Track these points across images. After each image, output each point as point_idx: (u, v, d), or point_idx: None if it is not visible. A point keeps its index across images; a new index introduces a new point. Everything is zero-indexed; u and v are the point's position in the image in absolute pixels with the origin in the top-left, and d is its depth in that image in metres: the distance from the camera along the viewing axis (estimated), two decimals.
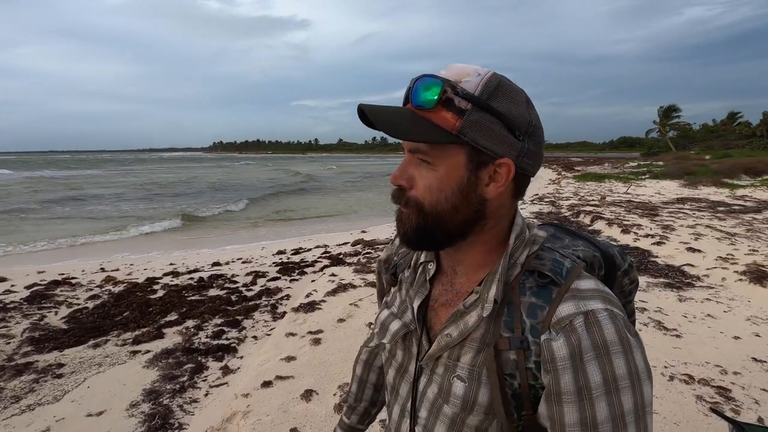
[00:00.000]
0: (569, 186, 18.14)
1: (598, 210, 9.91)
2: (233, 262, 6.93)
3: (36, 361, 3.42)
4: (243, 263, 6.80)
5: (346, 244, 8.03)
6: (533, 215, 9.75)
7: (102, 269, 6.55)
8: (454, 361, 0.60)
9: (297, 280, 5.71)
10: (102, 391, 2.97)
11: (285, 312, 4.39)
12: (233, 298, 4.98)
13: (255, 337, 3.89)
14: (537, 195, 14.86)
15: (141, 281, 5.72)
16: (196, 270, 6.36)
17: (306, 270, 6.12)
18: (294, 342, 3.44)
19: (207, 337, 3.86)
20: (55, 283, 5.57)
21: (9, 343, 3.77)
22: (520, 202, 0.64)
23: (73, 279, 5.86)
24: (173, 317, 4.37)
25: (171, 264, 6.89)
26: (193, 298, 5.00)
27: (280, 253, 7.45)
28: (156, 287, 5.46)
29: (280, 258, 7.08)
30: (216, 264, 6.73)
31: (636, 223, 7.91)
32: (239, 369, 3.30)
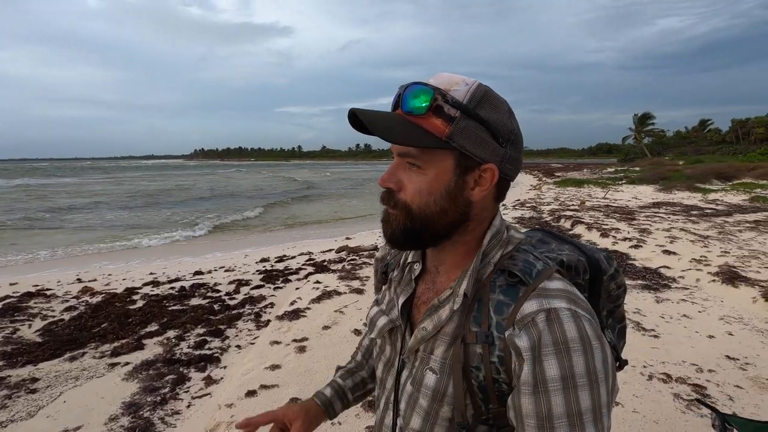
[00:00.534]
0: (550, 191, 18.49)
1: (578, 215, 10.13)
2: (215, 270, 6.82)
3: (8, 376, 3.30)
4: (225, 272, 6.70)
5: (330, 251, 8.00)
6: (515, 220, 9.90)
7: (78, 280, 6.37)
8: (428, 354, 0.63)
9: (281, 287, 5.65)
10: (79, 406, 2.88)
11: (269, 320, 4.35)
12: (216, 307, 4.89)
13: (239, 347, 3.83)
14: (519, 200, 15.10)
15: (120, 291, 5.58)
16: (177, 279, 6.24)
17: (290, 277, 6.07)
18: (278, 350, 3.41)
19: (189, 348, 3.79)
20: (29, 295, 5.39)
21: None
22: (502, 207, 0.66)
23: (48, 290, 5.67)
24: (154, 328, 4.28)
25: (151, 273, 6.75)
26: (175, 307, 4.90)
27: (263, 261, 7.37)
28: (135, 297, 5.33)
29: (263, 266, 7.00)
30: (198, 273, 6.62)
31: (614, 227, 8.12)
32: (222, 379, 3.24)
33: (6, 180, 44.95)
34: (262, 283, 5.82)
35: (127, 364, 3.49)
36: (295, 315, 4.12)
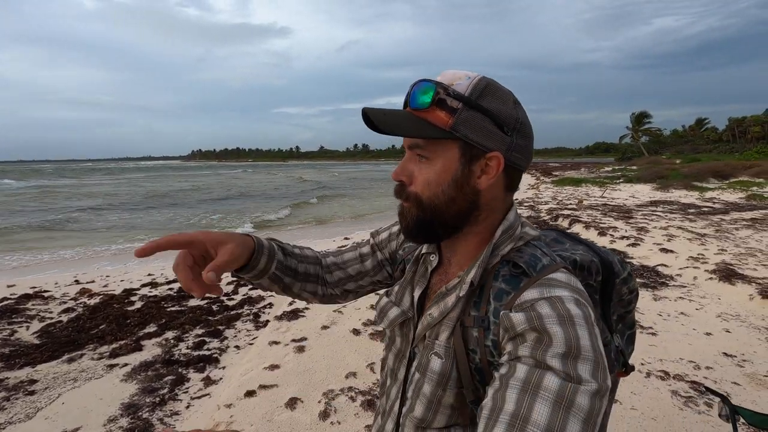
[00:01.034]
0: (548, 191, 18.52)
1: (575, 214, 10.16)
2: None
3: (6, 378, 3.29)
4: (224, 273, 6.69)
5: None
6: None
7: (76, 281, 6.35)
8: (433, 340, 0.65)
9: None
10: (78, 407, 2.87)
11: (268, 321, 4.34)
12: (214, 307, 4.88)
13: (237, 347, 3.83)
14: (517, 199, 15.09)
15: (118, 293, 5.56)
16: (175, 280, 6.22)
17: None
18: (277, 350, 3.41)
19: (188, 348, 3.78)
20: (27, 297, 5.37)
21: None
22: None
23: (46, 292, 5.65)
24: (152, 329, 4.27)
25: (149, 275, 6.73)
26: (173, 308, 4.89)
27: None
28: (134, 299, 5.32)
29: None
30: None
31: (612, 226, 8.15)
32: (222, 379, 3.24)
33: (22, 182, 44.63)
34: None
35: (126, 365, 3.48)
36: (294, 315, 4.12)
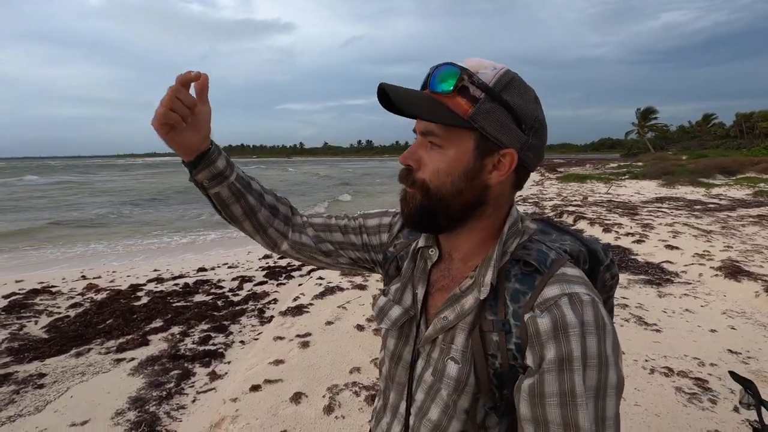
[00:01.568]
0: (552, 187, 18.45)
1: (580, 210, 10.12)
2: (219, 267, 6.85)
3: (16, 372, 3.34)
4: (229, 268, 6.73)
5: None
6: None
7: (83, 277, 6.42)
8: (448, 344, 0.64)
9: (284, 284, 5.68)
10: (86, 400, 2.92)
11: (272, 316, 4.37)
12: (220, 303, 4.93)
13: (242, 342, 3.86)
14: (521, 196, 15.07)
15: (124, 288, 5.62)
16: (181, 276, 6.27)
17: (293, 274, 6.10)
18: (282, 346, 3.43)
19: (193, 343, 3.82)
20: (35, 292, 5.43)
21: None
22: None
23: (53, 287, 5.72)
24: (158, 324, 4.31)
25: (155, 270, 6.79)
26: (179, 304, 4.93)
27: (266, 258, 7.40)
28: (140, 294, 5.37)
29: (266, 262, 7.03)
30: (201, 269, 6.65)
31: (617, 222, 8.11)
32: (227, 374, 3.27)
33: (44, 178, 45.16)
34: (265, 280, 5.85)
35: (133, 359, 3.52)
36: (298, 311, 4.15)
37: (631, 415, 2.42)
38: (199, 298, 5.18)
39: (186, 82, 0.67)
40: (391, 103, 0.58)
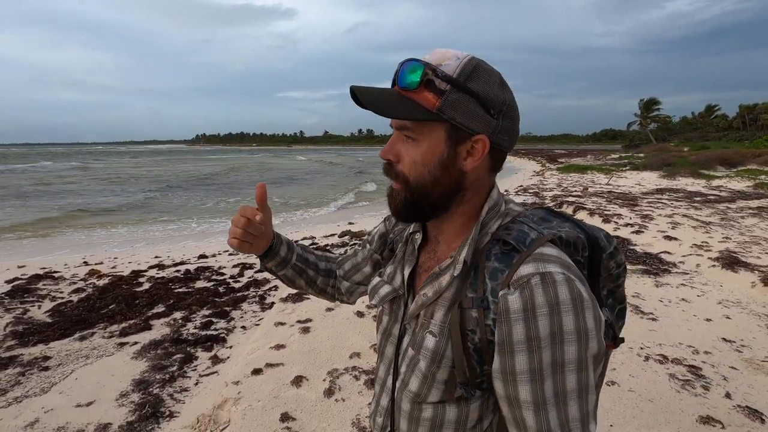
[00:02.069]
0: (553, 177, 18.43)
1: (580, 201, 10.13)
2: (220, 254, 6.90)
3: (21, 355, 3.39)
4: (230, 255, 6.77)
5: (333, 235, 8.06)
6: None
7: (85, 263, 6.46)
8: (428, 319, 0.67)
9: None
10: (90, 383, 2.97)
11: (273, 302, 4.42)
12: (221, 289, 4.97)
13: (244, 327, 3.91)
14: (521, 186, 15.08)
15: (126, 274, 5.67)
16: (182, 262, 6.32)
17: None
18: (283, 331, 3.48)
19: (195, 328, 3.87)
20: (37, 277, 5.48)
21: None
22: (505, 193, 0.70)
23: (56, 273, 5.77)
24: (160, 309, 4.36)
25: (156, 257, 6.83)
26: (180, 290, 4.98)
27: None
28: (142, 280, 5.42)
29: None
30: (202, 256, 6.69)
31: (616, 213, 8.13)
32: (229, 358, 3.33)
33: (57, 164, 45.61)
34: None
35: (136, 343, 3.58)
36: (299, 297, 4.19)
37: (625, 401, 2.47)
38: (201, 284, 5.23)
39: (253, 215, 0.78)
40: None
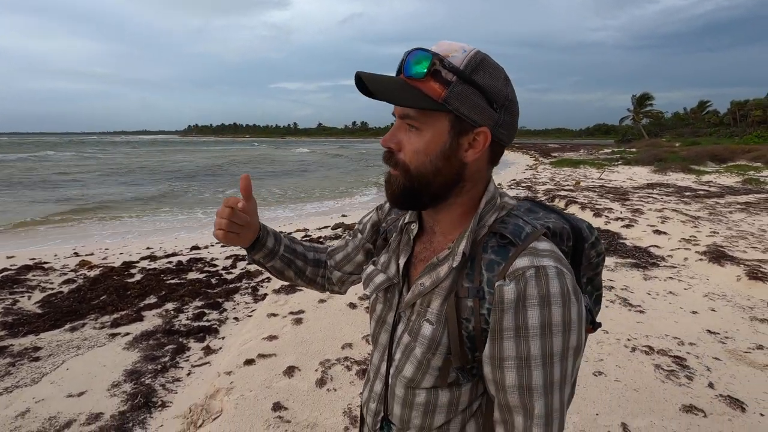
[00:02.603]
0: (546, 171, 18.52)
1: (572, 195, 10.21)
2: (212, 246, 6.87)
3: (11, 345, 3.37)
4: (222, 247, 6.75)
5: (326, 227, 8.06)
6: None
7: (75, 254, 6.41)
8: (425, 308, 0.69)
9: None
10: (82, 373, 2.97)
11: (266, 294, 4.43)
12: (213, 281, 4.97)
13: (236, 319, 3.92)
14: (514, 180, 15.15)
15: (117, 265, 5.64)
16: (174, 254, 6.29)
17: None
18: (276, 322, 3.50)
19: (188, 319, 3.87)
20: (27, 268, 5.43)
21: None
22: (498, 186, 0.72)
23: (46, 264, 5.72)
24: (152, 300, 4.35)
25: (148, 248, 6.79)
26: (172, 281, 4.97)
27: None
28: (133, 271, 5.40)
29: None
30: (195, 248, 6.67)
31: (607, 207, 8.21)
32: (221, 349, 3.34)
33: (62, 153, 44.89)
34: None
35: (128, 334, 3.57)
36: (292, 289, 4.20)
37: (611, 390, 2.53)
38: (193, 275, 5.22)
39: (236, 204, 0.78)
40: (370, 90, 0.62)
